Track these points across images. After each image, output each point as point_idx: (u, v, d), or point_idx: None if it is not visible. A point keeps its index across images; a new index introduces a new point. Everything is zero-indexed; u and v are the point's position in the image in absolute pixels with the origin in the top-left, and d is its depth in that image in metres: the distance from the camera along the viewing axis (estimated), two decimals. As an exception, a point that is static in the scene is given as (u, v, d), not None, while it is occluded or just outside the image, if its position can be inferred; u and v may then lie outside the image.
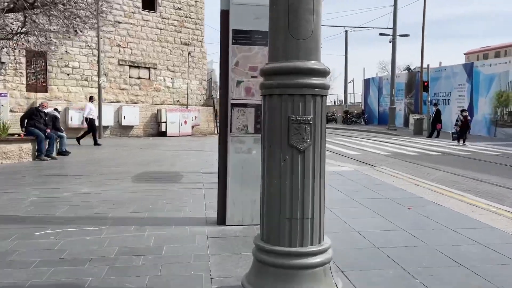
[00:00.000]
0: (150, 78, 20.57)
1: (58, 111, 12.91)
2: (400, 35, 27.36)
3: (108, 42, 19.02)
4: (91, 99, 15.65)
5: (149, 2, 20.45)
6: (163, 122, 20.18)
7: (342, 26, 26.88)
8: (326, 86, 2.74)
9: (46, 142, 10.09)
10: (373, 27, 27.39)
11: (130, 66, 19.83)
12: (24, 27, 10.98)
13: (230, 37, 4.47)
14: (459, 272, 3.27)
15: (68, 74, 18.14)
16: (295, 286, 2.56)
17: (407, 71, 36.86)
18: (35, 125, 10.09)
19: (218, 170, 4.63)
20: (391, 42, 27.34)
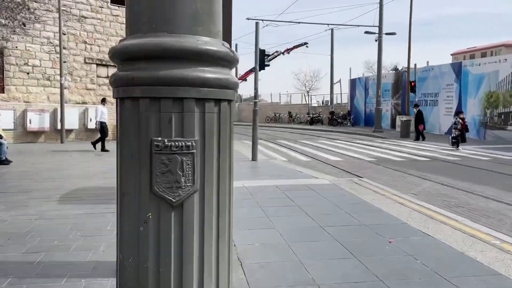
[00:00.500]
0: (120, 77, 19.21)
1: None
2: (386, 34, 26.37)
3: (73, 38, 17.62)
4: (103, 101, 14.69)
5: (119, -4, 19.11)
6: (134, 125, 18.83)
7: (326, 24, 25.77)
8: (230, 84, 1.53)
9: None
10: (358, 25, 26.19)
11: (98, 65, 18.43)
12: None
13: None
14: None
15: (28, 73, 16.69)
16: None
17: (394, 71, 36.00)
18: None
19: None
20: (377, 41, 26.34)
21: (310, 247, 4.01)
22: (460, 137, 16.02)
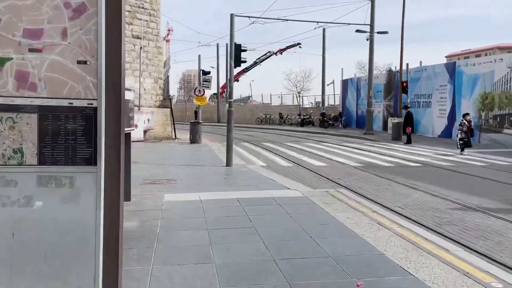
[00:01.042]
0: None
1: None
2: (378, 32, 25.35)
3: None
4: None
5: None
6: (109, 126, 17.70)
7: (315, 22, 24.71)
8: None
9: None
10: (349, 23, 25.19)
11: (70, 62, 17.29)
12: None
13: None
14: None
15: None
16: None
17: (387, 71, 35.06)
18: None
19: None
20: (369, 40, 25.36)
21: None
22: (467, 140, 15.03)
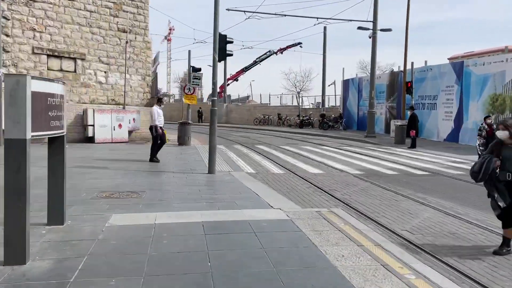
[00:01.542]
0: (76, 71, 16.79)
1: None
2: (381, 30, 24.00)
3: (18, 24, 15.22)
4: (159, 102, 12.27)
5: (80, -20, 16.72)
6: (90, 126, 16.40)
7: (315, 18, 23.39)
8: None
9: None
10: (350, 20, 23.86)
11: (49, 56, 16.03)
12: None
13: None
14: None
15: (-40, 64, 14.28)
16: None
17: (390, 72, 33.69)
18: None
19: None
20: (371, 38, 24.01)
21: None
22: (485, 146, 13.53)
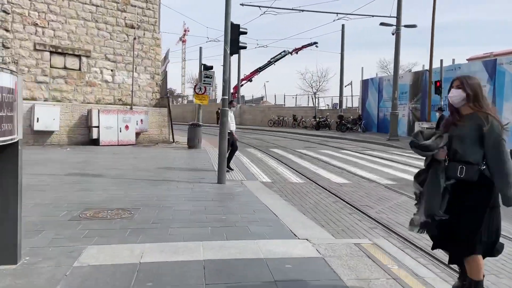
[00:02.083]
0: (81, 69, 15.80)
1: None
2: (405, 26, 22.55)
3: (19, 18, 14.29)
4: (230, 105, 10.52)
5: (85, -28, 15.74)
6: (95, 127, 15.36)
7: (335, 13, 22.07)
8: None
9: None
10: (372, 15, 22.48)
11: (52, 53, 15.06)
12: None
13: None
14: None
15: (-44, 60, 13.39)
16: None
17: (408, 71, 32.08)
18: None
19: None
20: (394, 34, 22.56)
21: None
22: None
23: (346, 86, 38.22)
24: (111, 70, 16.56)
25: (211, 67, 16.81)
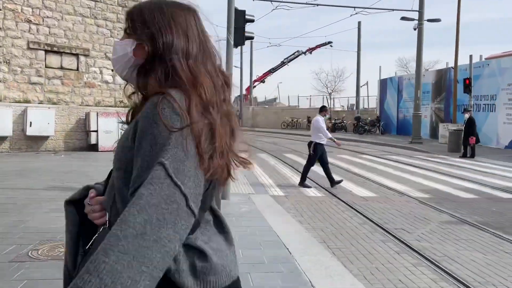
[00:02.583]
0: (79, 68, 14.70)
1: None
2: (428, 20, 20.98)
3: (11, 15, 13.25)
4: (323, 110, 9.03)
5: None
6: (93, 131, 14.22)
7: (352, 7, 20.66)
8: None
9: None
10: (393, 9, 21.00)
11: (47, 51, 13.99)
12: None
13: None
14: None
15: None
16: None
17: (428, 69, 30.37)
18: None
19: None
20: (417, 29, 21.01)
21: None
22: None
23: (362, 87, 36.61)
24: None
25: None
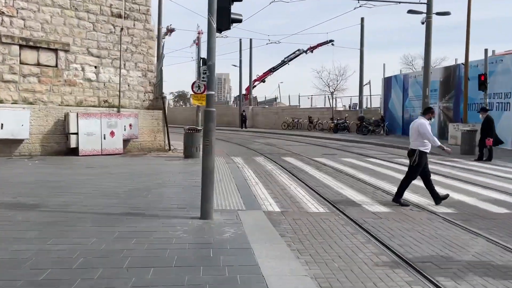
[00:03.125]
0: (58, 65, 13.44)
1: None
2: (437, 13, 19.66)
3: (-20, 6, 12.03)
4: (429, 112, 7.68)
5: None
6: (73, 134, 12.94)
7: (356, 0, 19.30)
8: None
9: None
10: (399, 2, 19.64)
11: (22, 46, 12.72)
12: None
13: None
14: None
15: None
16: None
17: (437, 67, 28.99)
18: None
19: None
20: (424, 23, 19.68)
21: None
22: None
23: (364, 86, 35.25)
24: (95, 67, 14.13)
25: (211, 62, 14.21)
